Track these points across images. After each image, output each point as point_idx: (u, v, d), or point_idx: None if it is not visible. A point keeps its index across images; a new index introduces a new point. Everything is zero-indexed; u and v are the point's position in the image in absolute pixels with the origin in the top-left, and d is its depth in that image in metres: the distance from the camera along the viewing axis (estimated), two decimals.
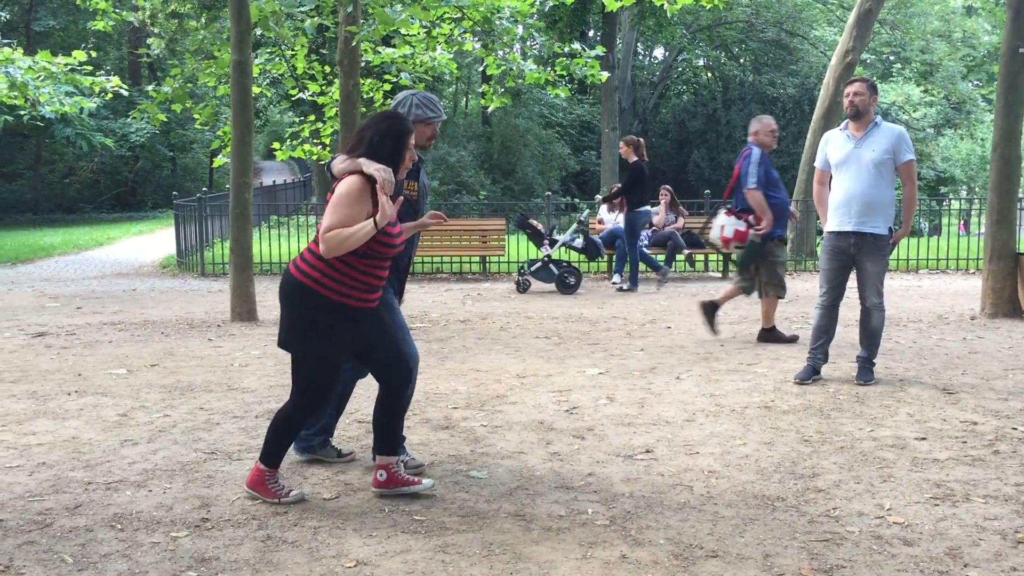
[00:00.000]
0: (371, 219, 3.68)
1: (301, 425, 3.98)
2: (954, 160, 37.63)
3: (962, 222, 25.34)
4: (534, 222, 12.02)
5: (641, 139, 11.67)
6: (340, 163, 3.82)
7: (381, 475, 4.00)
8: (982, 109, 38.56)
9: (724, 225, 7.59)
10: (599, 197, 12.54)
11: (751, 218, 7.50)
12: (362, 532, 3.59)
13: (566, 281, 11.57)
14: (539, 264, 11.71)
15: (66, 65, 13.02)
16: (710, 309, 7.88)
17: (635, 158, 11.68)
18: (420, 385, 6.21)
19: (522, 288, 11.84)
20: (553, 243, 11.78)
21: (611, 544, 3.45)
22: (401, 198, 3.87)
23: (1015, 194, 9.16)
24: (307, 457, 4.51)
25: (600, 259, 12.34)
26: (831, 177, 6.20)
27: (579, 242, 11.86)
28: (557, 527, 3.63)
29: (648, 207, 11.97)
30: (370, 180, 3.73)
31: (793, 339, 7.72)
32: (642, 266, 12.17)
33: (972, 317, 9.02)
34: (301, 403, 3.91)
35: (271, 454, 3.95)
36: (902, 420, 5.20)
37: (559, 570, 3.23)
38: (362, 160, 3.76)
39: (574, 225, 12.21)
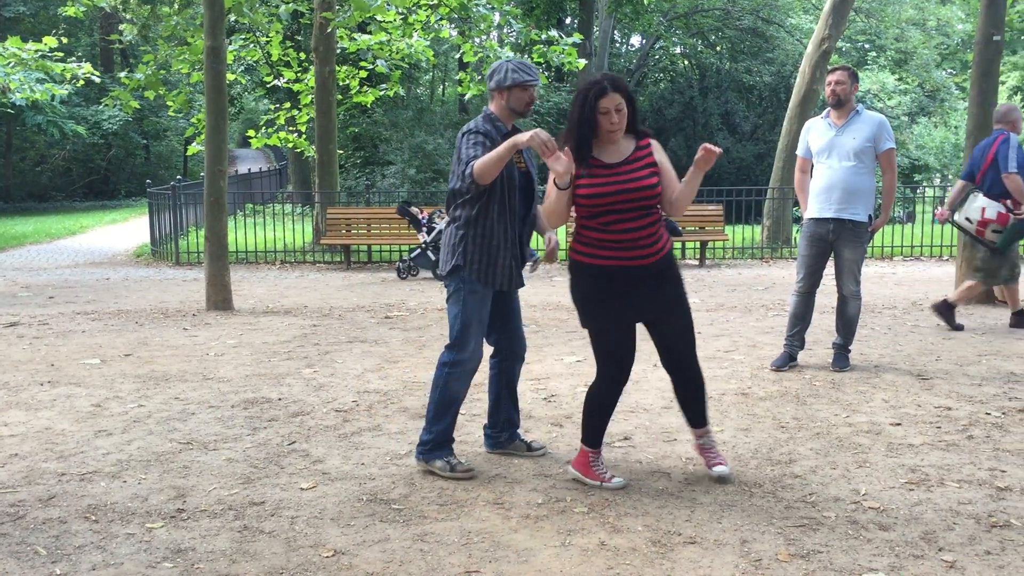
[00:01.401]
0: (552, 184, 3.76)
1: (608, 400, 3.96)
2: (928, 148, 37.90)
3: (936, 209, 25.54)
4: (414, 210, 12.15)
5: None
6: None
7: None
8: (956, 97, 38.86)
9: (985, 207, 7.46)
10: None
11: (1009, 202, 7.43)
12: (340, 522, 3.58)
13: (439, 269, 11.66)
14: (418, 251, 11.94)
15: (37, 51, 12.84)
16: (945, 309, 7.71)
17: None
18: (398, 374, 6.19)
19: (403, 274, 12.06)
20: (431, 231, 11.89)
21: (590, 531, 3.46)
22: (565, 150, 3.76)
23: None
24: (498, 453, 4.42)
25: None
26: (812, 165, 6.24)
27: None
28: (536, 515, 3.63)
29: None
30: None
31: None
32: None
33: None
34: (598, 376, 3.95)
35: (588, 434, 3.99)
36: (877, 406, 5.24)
37: (538, 557, 3.23)
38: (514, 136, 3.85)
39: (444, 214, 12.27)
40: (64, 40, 13.75)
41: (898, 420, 4.94)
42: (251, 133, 17.13)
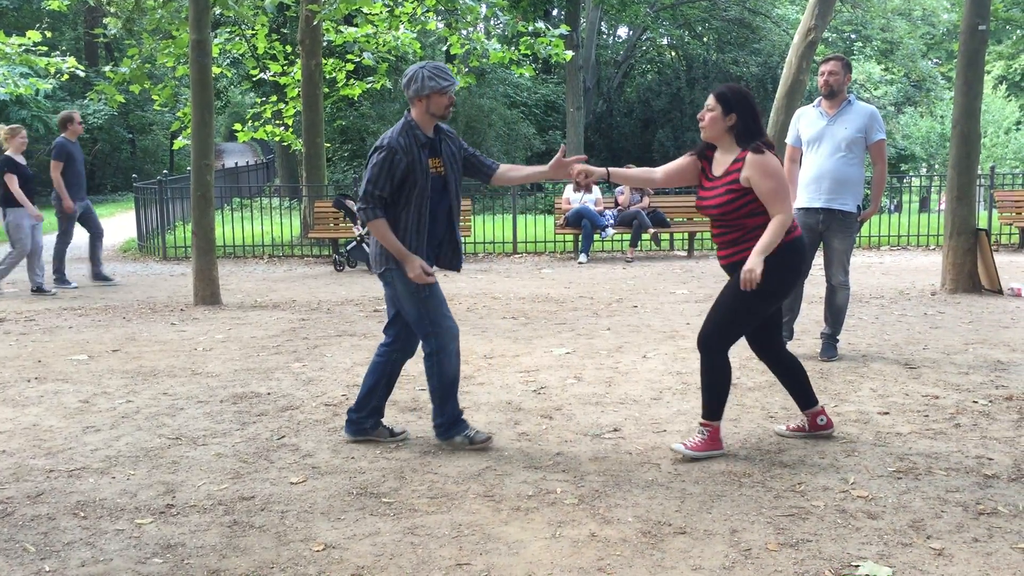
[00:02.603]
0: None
1: (728, 369, 4.18)
2: (914, 138, 38.05)
3: (921, 200, 25.64)
4: (349, 203, 12.18)
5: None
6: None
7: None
8: (942, 87, 39.01)
9: None
10: None
11: None
12: (330, 516, 3.57)
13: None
14: (354, 244, 12.06)
15: (20, 46, 12.75)
16: None
17: None
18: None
19: (339, 267, 12.16)
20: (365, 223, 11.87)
21: (580, 523, 3.46)
22: None
23: (974, 171, 9.27)
24: (359, 439, 4.51)
25: None
26: (802, 154, 6.22)
27: None
28: (526, 507, 3.63)
29: None
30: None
31: None
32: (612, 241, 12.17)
33: (933, 293, 9.14)
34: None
35: (711, 408, 4.18)
36: (865, 395, 5.26)
37: (528, 549, 3.23)
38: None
39: None
40: (48, 34, 13.64)
41: (886, 409, 4.96)
42: (238, 127, 17.04)
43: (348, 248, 12.13)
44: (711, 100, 4.07)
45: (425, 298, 4.24)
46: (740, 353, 6.43)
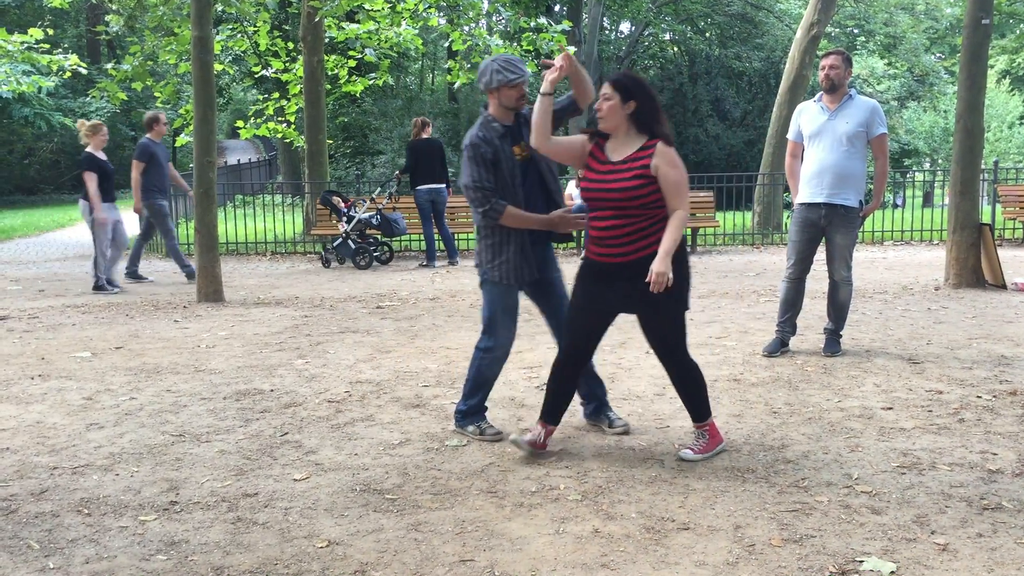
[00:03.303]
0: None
1: (696, 367, 4.21)
2: (918, 132, 37.96)
3: (924, 193, 25.60)
4: (336, 200, 12.28)
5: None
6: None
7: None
8: (945, 81, 38.92)
9: None
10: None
11: None
12: (334, 512, 3.57)
13: (357, 258, 11.94)
14: (340, 240, 12.07)
15: (22, 43, 12.75)
16: None
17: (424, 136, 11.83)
18: (390, 364, 6.19)
19: (327, 263, 12.22)
20: (351, 220, 11.98)
21: (583, 519, 3.46)
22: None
23: (978, 165, 9.25)
24: (591, 423, 4.64)
25: (398, 237, 12.54)
26: (803, 149, 6.20)
27: (375, 219, 12.08)
28: (529, 503, 3.63)
29: (431, 185, 11.85)
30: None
31: None
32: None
33: (936, 288, 9.13)
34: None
35: (699, 410, 4.19)
36: (869, 390, 5.25)
37: (532, 546, 3.23)
38: None
39: (367, 203, 12.36)
40: (50, 31, 13.65)
41: (890, 404, 4.95)
42: (240, 124, 17.05)
43: (335, 244, 12.17)
44: (607, 88, 3.92)
45: (495, 300, 4.38)
46: (743, 349, 6.43)
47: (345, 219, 12.06)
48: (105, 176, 9.92)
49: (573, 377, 4.17)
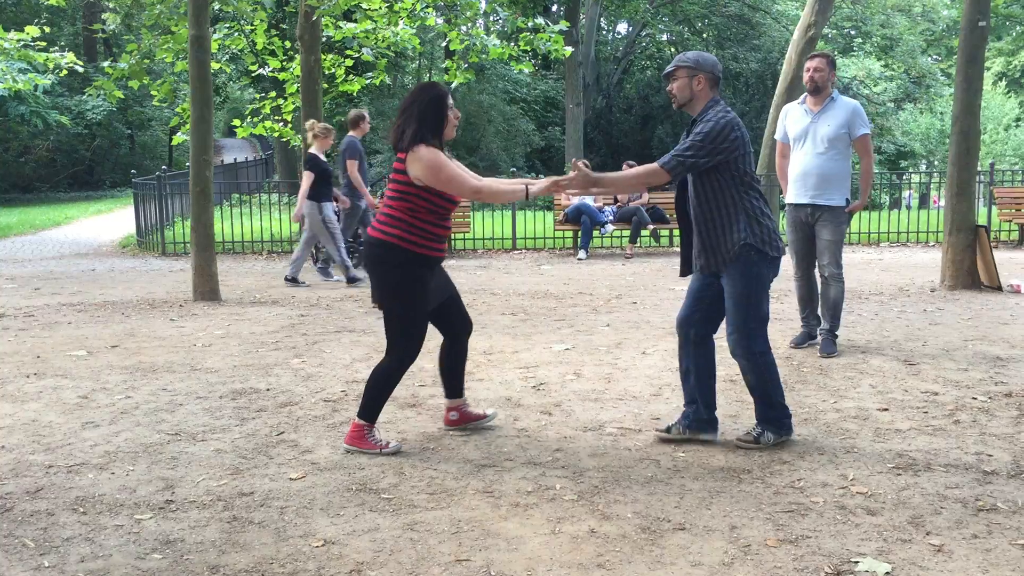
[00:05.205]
0: (524, 186, 4.26)
1: (398, 379, 4.29)
2: (914, 134, 38.04)
3: (920, 195, 25.62)
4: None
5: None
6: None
7: (453, 415, 4.62)
8: (941, 83, 39.00)
9: None
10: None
11: None
12: (329, 511, 3.57)
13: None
14: None
15: (19, 41, 12.70)
16: None
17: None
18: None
19: (316, 261, 12.01)
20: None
21: (579, 519, 3.46)
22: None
23: (974, 167, 9.27)
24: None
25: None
26: (791, 150, 6.34)
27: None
28: (525, 503, 3.63)
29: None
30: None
31: None
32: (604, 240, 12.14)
33: (932, 289, 9.15)
34: (397, 357, 4.24)
35: (370, 409, 4.26)
36: (865, 392, 5.26)
37: (528, 546, 3.23)
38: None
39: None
40: (46, 29, 13.60)
41: (885, 405, 4.96)
42: (236, 122, 17.03)
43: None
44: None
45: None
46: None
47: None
48: (324, 177, 10.03)
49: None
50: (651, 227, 13.22)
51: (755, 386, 4.28)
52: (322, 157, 10.13)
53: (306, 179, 9.96)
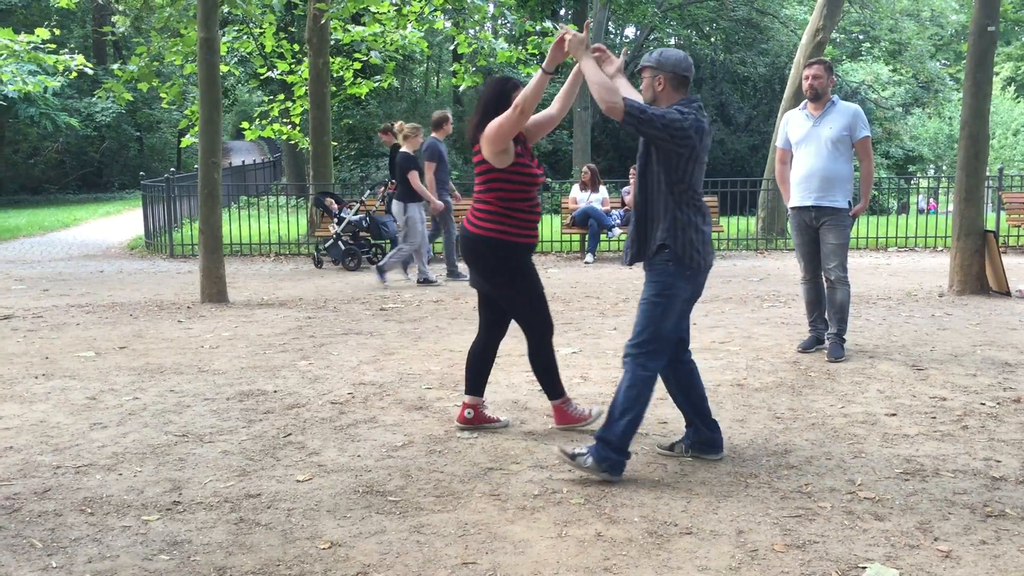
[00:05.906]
0: (541, 72, 4.36)
1: (552, 350, 4.54)
2: (922, 139, 37.94)
3: (931, 200, 25.55)
4: (328, 201, 12.36)
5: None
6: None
7: (469, 413, 4.67)
8: (950, 88, 38.88)
9: None
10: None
11: None
12: (336, 513, 3.57)
13: (346, 259, 12.01)
14: (331, 241, 12.17)
15: (29, 43, 12.77)
16: None
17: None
18: (393, 366, 6.19)
19: (318, 263, 12.32)
20: (341, 221, 12.06)
21: (586, 522, 3.46)
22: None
23: (983, 172, 9.24)
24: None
25: (384, 239, 12.44)
26: (792, 156, 6.43)
27: (364, 221, 12.12)
28: (532, 506, 3.63)
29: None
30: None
31: None
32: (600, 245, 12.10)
33: (940, 294, 9.12)
34: (537, 334, 4.49)
35: (553, 386, 4.60)
36: (872, 396, 5.25)
37: (534, 549, 3.23)
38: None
39: (356, 206, 12.40)
40: (56, 32, 13.67)
41: (893, 410, 4.95)
42: (245, 125, 17.07)
43: (326, 246, 12.27)
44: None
45: None
46: (747, 355, 6.43)
47: (336, 220, 12.14)
48: (419, 174, 10.11)
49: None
50: None
51: (619, 406, 3.90)
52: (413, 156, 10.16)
53: (415, 178, 9.93)
